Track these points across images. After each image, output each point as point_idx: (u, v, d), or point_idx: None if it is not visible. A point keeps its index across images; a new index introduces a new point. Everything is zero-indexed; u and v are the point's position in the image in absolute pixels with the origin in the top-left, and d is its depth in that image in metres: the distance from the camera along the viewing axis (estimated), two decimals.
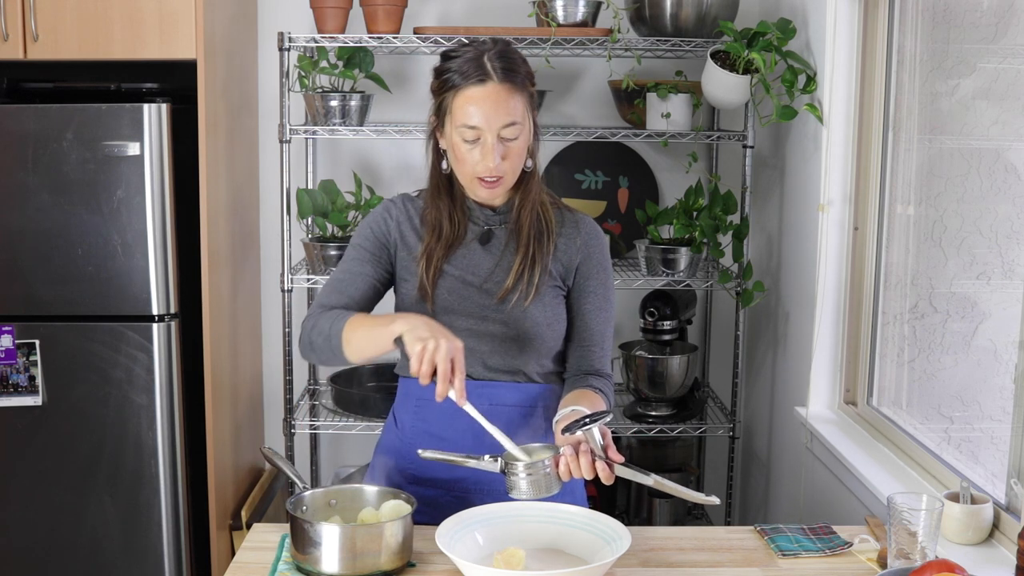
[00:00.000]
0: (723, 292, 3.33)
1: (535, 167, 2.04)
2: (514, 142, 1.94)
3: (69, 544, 3.01)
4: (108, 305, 2.92)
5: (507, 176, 1.97)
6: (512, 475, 1.80)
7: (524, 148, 1.97)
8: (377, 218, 2.10)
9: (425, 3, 3.39)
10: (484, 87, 1.92)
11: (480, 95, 1.92)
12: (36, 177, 2.86)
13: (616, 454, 1.78)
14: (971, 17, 2.35)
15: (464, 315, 2.01)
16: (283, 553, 1.89)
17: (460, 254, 2.04)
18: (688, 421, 3.23)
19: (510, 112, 1.92)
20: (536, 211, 2.04)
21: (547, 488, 1.80)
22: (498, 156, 1.93)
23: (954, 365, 2.41)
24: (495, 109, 1.91)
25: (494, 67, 1.92)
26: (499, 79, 1.92)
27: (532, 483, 1.79)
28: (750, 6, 3.31)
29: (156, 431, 2.97)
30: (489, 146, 1.92)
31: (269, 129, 3.44)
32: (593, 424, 1.75)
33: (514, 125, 1.93)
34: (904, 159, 2.64)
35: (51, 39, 2.86)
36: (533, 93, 1.99)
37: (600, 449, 1.77)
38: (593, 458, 1.77)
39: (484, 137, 1.92)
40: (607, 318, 2.09)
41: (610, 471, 1.77)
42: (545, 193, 2.09)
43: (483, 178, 1.95)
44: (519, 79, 1.94)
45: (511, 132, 1.93)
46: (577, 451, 1.78)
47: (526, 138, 1.97)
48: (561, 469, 1.79)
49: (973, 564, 1.87)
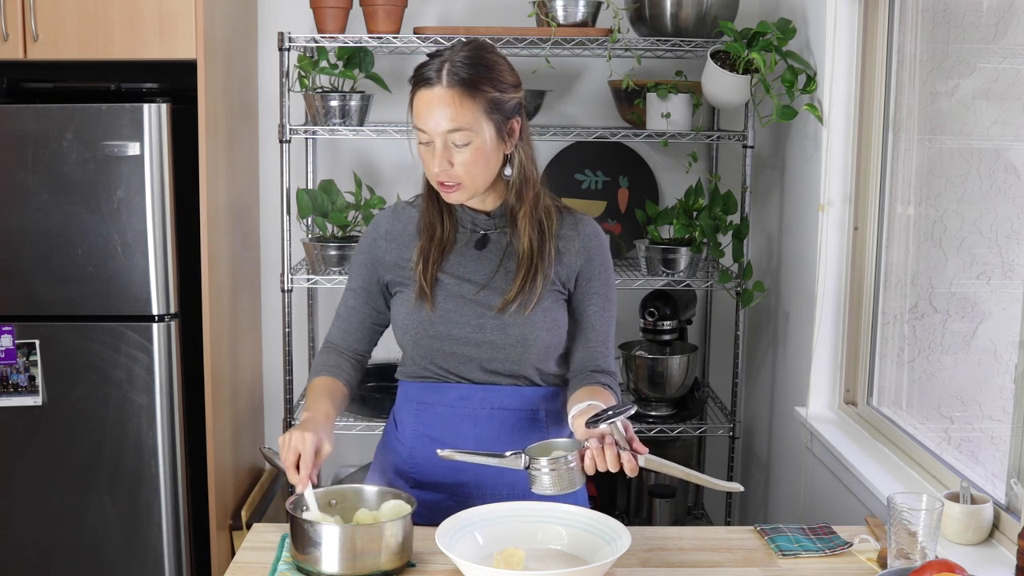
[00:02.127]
0: (723, 292, 3.33)
1: (515, 175, 1.98)
2: (465, 148, 1.90)
3: (69, 544, 3.01)
4: (108, 305, 2.92)
5: (465, 182, 1.93)
6: (535, 470, 1.79)
7: (480, 156, 1.91)
8: (367, 240, 2.11)
9: (425, 3, 3.39)
10: (431, 91, 1.89)
11: (426, 98, 1.90)
12: (36, 177, 2.86)
13: (640, 445, 1.78)
14: (971, 17, 2.35)
15: (462, 322, 2.00)
16: (283, 553, 1.89)
17: (456, 260, 2.03)
18: (688, 421, 3.24)
19: (455, 118, 1.88)
20: (538, 219, 2.01)
21: (571, 483, 1.79)
22: (445, 161, 1.90)
23: (954, 365, 2.41)
24: (440, 113, 1.88)
25: (450, 71, 1.88)
26: (447, 83, 1.88)
27: (556, 478, 1.78)
28: (750, 6, 3.31)
29: (156, 431, 2.97)
30: (437, 150, 1.90)
31: (269, 129, 3.44)
32: (617, 417, 1.75)
33: (461, 131, 1.89)
34: (904, 159, 2.64)
35: (51, 39, 2.86)
36: (504, 99, 1.92)
37: (624, 441, 1.77)
38: (618, 450, 1.77)
39: (434, 141, 1.91)
40: (610, 317, 2.09)
41: (635, 463, 1.77)
42: (549, 197, 2.06)
43: (441, 182, 1.94)
44: (474, 85, 1.89)
45: (460, 138, 1.89)
46: (602, 444, 1.78)
47: (481, 146, 1.91)
48: (587, 463, 1.79)
49: (973, 564, 1.87)
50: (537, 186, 2.02)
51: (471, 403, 2.03)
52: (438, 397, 2.05)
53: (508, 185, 2.00)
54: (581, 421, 1.82)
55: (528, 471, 1.81)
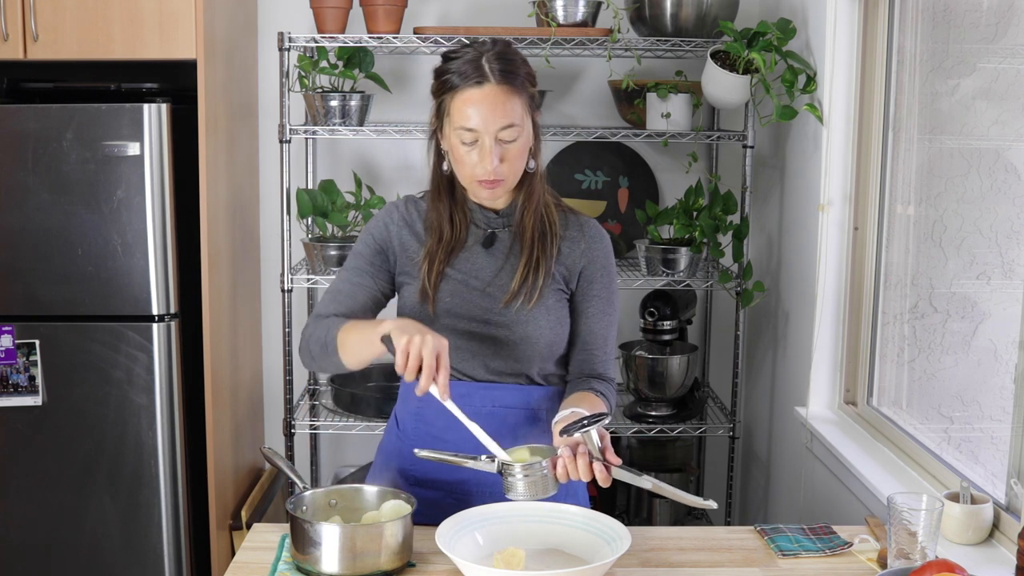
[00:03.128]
0: (723, 292, 3.33)
1: (538, 168, 2.03)
2: (512, 144, 1.93)
3: (69, 544, 3.01)
4: (108, 305, 2.92)
5: (507, 178, 1.96)
6: (509, 476, 1.80)
7: (523, 150, 1.96)
8: (378, 224, 2.09)
9: (425, 3, 3.39)
10: (481, 89, 1.91)
11: (477, 97, 1.91)
12: (36, 177, 2.86)
13: (614, 456, 1.77)
14: (971, 17, 2.35)
15: (467, 318, 2.01)
16: (283, 553, 1.89)
17: (463, 257, 2.04)
18: (688, 421, 3.23)
19: (507, 114, 1.91)
20: (540, 212, 2.03)
21: (544, 489, 1.79)
22: (496, 158, 1.92)
23: (954, 365, 2.41)
24: (492, 111, 1.90)
25: (492, 68, 1.91)
26: (496, 81, 1.91)
27: (529, 484, 1.79)
28: (750, 6, 3.31)
29: (156, 431, 2.97)
30: (487, 148, 1.91)
31: (269, 129, 3.44)
32: (591, 426, 1.75)
33: (512, 127, 1.92)
34: (904, 159, 2.64)
35: (51, 39, 2.86)
36: (533, 94, 1.98)
37: (598, 451, 1.77)
38: (591, 460, 1.77)
39: (482, 139, 1.92)
40: (610, 322, 2.09)
41: (607, 473, 1.77)
42: (549, 194, 2.08)
43: (482, 180, 1.95)
44: (518, 80, 1.93)
45: (509, 134, 1.92)
46: (575, 453, 1.78)
47: (525, 140, 1.96)
48: (559, 471, 1.79)
49: (973, 564, 1.87)
50: (542, 179, 2.06)
51: (472, 401, 2.03)
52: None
53: (523, 180, 2.02)
54: (559, 428, 1.82)
55: (502, 476, 1.81)
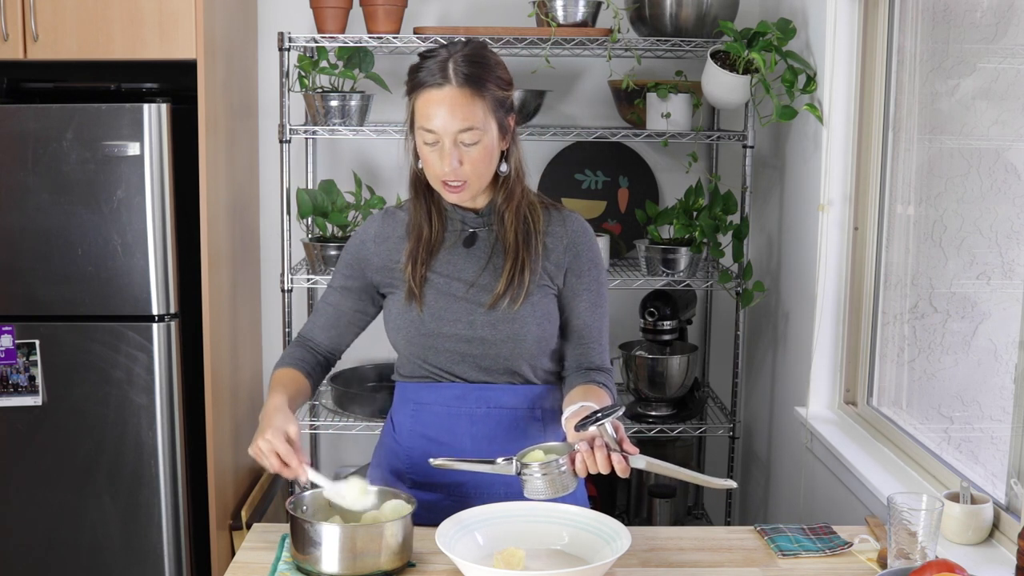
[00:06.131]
0: (723, 292, 3.33)
1: (512, 171, 2.01)
2: (473, 147, 1.92)
3: (69, 544, 3.01)
4: (108, 305, 2.92)
5: (471, 180, 1.95)
6: (528, 475, 1.80)
7: (487, 154, 1.94)
8: (355, 241, 2.13)
9: (425, 3, 3.39)
10: (441, 91, 1.90)
11: (437, 98, 1.91)
12: (36, 177, 2.86)
13: (631, 446, 1.78)
14: (971, 17, 2.35)
15: (453, 320, 2.01)
16: (283, 553, 1.89)
17: (445, 258, 2.04)
18: (688, 421, 3.24)
19: (467, 117, 1.90)
20: (523, 214, 2.03)
21: (563, 486, 1.79)
22: (455, 160, 1.92)
23: (954, 365, 2.41)
24: (451, 113, 1.90)
25: (456, 71, 1.90)
26: (458, 83, 1.90)
27: (549, 482, 1.78)
28: (750, 6, 3.31)
29: (156, 431, 2.97)
30: (446, 150, 1.92)
31: (269, 129, 3.44)
32: (606, 419, 1.75)
33: (472, 130, 1.91)
34: (904, 159, 2.64)
35: (51, 39, 2.86)
36: (504, 97, 1.96)
37: (614, 443, 1.77)
38: (608, 452, 1.77)
39: (442, 141, 1.92)
40: (602, 313, 2.09)
41: (626, 464, 1.77)
42: (534, 194, 2.08)
43: (445, 182, 1.95)
44: (481, 83, 1.91)
45: (469, 137, 1.91)
46: (592, 446, 1.78)
47: (489, 143, 1.94)
48: (577, 466, 1.79)
49: (973, 564, 1.87)
50: (524, 182, 2.05)
51: (467, 402, 2.03)
52: (434, 397, 2.05)
53: (499, 182, 2.02)
54: (572, 423, 1.82)
55: (520, 476, 1.81)
